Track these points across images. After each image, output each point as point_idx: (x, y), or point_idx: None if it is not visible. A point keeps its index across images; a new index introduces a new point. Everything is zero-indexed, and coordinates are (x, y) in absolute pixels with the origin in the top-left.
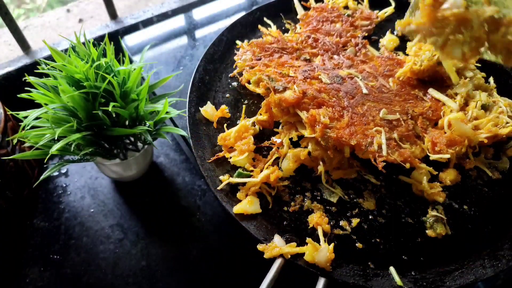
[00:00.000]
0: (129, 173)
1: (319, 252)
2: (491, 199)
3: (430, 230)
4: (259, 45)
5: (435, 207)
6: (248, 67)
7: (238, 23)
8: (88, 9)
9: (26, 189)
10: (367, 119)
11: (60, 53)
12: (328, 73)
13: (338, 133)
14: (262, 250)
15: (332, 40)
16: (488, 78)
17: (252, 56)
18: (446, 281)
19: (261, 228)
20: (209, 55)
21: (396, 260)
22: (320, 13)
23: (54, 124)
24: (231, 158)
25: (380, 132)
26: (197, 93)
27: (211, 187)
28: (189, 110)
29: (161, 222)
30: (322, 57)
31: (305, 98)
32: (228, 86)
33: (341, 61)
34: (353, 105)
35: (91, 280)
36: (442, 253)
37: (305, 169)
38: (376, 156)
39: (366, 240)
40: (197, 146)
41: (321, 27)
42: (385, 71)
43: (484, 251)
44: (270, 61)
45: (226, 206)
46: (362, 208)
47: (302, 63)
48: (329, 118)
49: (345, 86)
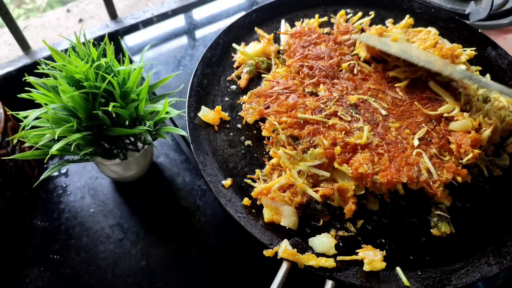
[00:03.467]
0: (129, 173)
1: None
2: (493, 196)
3: (434, 229)
4: (260, 95)
5: (439, 206)
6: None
7: (234, 26)
8: (88, 9)
9: (26, 189)
10: (402, 145)
11: (60, 53)
12: (342, 104)
13: (387, 176)
14: (269, 255)
15: (325, 63)
16: (485, 75)
17: (258, 106)
18: (453, 279)
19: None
20: (206, 59)
21: (401, 260)
22: (300, 38)
23: (54, 124)
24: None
25: (421, 155)
26: (196, 97)
27: (214, 193)
28: (189, 115)
29: (161, 222)
30: (324, 85)
31: (337, 147)
32: (227, 90)
33: (345, 85)
34: (383, 135)
35: (91, 280)
36: (447, 252)
37: None
38: (431, 183)
39: (371, 241)
40: (198, 151)
41: (308, 54)
42: (388, 82)
43: (488, 248)
44: (279, 106)
45: (230, 211)
46: (366, 209)
47: (310, 98)
48: (370, 161)
49: (364, 115)
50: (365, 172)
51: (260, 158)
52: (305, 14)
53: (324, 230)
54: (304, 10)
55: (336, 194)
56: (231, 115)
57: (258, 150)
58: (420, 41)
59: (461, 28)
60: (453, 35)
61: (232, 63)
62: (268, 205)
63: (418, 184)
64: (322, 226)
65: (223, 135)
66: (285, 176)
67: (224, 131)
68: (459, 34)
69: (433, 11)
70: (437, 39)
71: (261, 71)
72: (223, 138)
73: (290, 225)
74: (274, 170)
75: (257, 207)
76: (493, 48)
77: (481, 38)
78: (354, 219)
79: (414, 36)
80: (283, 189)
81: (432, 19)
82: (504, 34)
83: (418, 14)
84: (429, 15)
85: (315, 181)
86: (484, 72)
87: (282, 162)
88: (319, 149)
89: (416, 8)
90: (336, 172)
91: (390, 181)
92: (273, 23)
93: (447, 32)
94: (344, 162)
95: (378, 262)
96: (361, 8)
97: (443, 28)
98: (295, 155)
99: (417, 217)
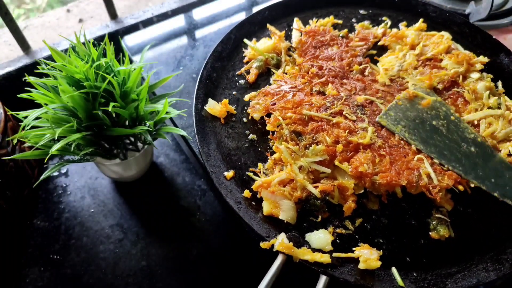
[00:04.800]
0: (129, 173)
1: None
2: (496, 202)
3: (433, 232)
4: (268, 93)
5: (439, 209)
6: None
7: (246, 22)
8: (88, 9)
9: (26, 189)
10: (404, 150)
11: (60, 53)
12: (349, 104)
13: (386, 178)
14: (265, 247)
15: (335, 64)
16: (496, 82)
17: (265, 103)
18: (448, 283)
19: (263, 225)
20: (217, 53)
21: (398, 260)
22: (313, 38)
23: (54, 124)
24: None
25: (422, 160)
26: (204, 90)
27: (216, 183)
28: (196, 107)
29: (161, 222)
30: (332, 85)
31: (339, 144)
32: (235, 84)
33: (353, 85)
34: (386, 138)
35: (91, 280)
36: (444, 256)
37: None
38: (430, 188)
39: (369, 240)
40: (203, 142)
41: (319, 54)
42: (398, 86)
43: (487, 254)
44: (286, 103)
45: (230, 202)
46: (365, 208)
47: (317, 97)
48: (371, 162)
49: (370, 116)
50: (365, 172)
51: (263, 152)
52: (317, 13)
53: (322, 226)
54: (316, 9)
55: (336, 192)
56: (238, 109)
57: (262, 144)
58: (433, 45)
59: (475, 33)
60: (467, 40)
61: (242, 58)
62: (268, 199)
63: (417, 189)
64: (321, 222)
65: (228, 128)
66: (286, 170)
67: (230, 124)
68: (472, 39)
69: (448, 15)
70: (450, 43)
71: (270, 67)
72: (229, 131)
73: (288, 219)
74: (276, 164)
75: (257, 200)
76: (506, 54)
77: (495, 44)
78: (353, 217)
79: (427, 40)
80: (284, 183)
81: (446, 23)
82: (504, 34)
83: (432, 17)
84: (443, 19)
85: (315, 177)
86: (496, 79)
87: (283, 157)
88: (321, 146)
89: (430, 12)
90: (337, 170)
91: (389, 183)
92: (285, 21)
93: (460, 37)
94: (345, 160)
95: (373, 261)
96: (374, 10)
97: (456, 32)
98: (297, 150)
99: (417, 219)
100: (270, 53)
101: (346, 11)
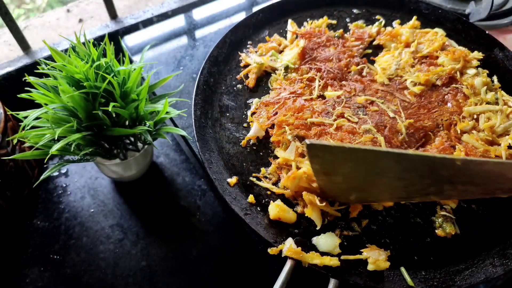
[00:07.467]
0: (129, 173)
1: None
2: (499, 198)
3: (439, 229)
4: (268, 103)
5: (444, 206)
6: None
7: (241, 25)
8: (88, 9)
9: (26, 189)
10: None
11: (60, 53)
12: (350, 106)
13: None
14: (274, 253)
15: (333, 65)
16: (492, 77)
17: (267, 114)
18: (457, 280)
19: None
20: (213, 58)
21: (406, 260)
22: (309, 39)
23: (54, 124)
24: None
25: None
26: (202, 96)
27: (220, 191)
28: (195, 113)
29: (161, 222)
30: (332, 88)
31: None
32: (233, 88)
33: (353, 86)
34: (390, 138)
35: (91, 280)
36: (451, 253)
37: None
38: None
39: (376, 241)
40: (204, 149)
41: (316, 56)
42: (397, 85)
43: (494, 249)
44: (287, 110)
45: (235, 209)
46: (371, 209)
47: (317, 101)
48: None
49: (371, 116)
50: None
51: (265, 157)
52: (311, 14)
53: (329, 229)
54: (311, 10)
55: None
56: (237, 114)
57: (263, 149)
58: (428, 42)
59: (468, 29)
60: (460, 36)
61: (239, 62)
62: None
63: None
64: (327, 225)
65: (228, 133)
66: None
67: (230, 129)
68: (466, 35)
69: (440, 12)
70: (444, 40)
71: (268, 71)
72: (229, 136)
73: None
74: (281, 169)
75: (261, 205)
76: (500, 49)
77: (488, 39)
78: (359, 219)
79: (422, 37)
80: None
81: (439, 20)
82: (504, 34)
83: (425, 15)
84: (436, 16)
85: None
86: (491, 74)
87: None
88: None
89: (423, 9)
90: None
91: None
92: (280, 23)
93: (454, 33)
94: None
95: (382, 262)
96: (368, 8)
97: (450, 29)
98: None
99: (422, 217)
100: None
101: (340, 11)
